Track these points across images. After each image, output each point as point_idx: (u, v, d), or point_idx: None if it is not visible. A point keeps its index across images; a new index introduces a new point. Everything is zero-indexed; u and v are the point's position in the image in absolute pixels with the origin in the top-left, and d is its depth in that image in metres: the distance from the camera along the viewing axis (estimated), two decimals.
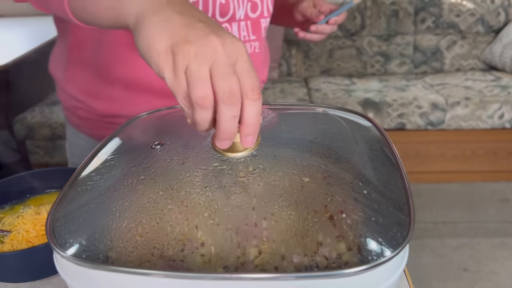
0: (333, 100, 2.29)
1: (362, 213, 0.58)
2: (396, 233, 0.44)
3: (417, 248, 1.90)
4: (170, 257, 0.52)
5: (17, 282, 0.53)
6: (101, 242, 0.55)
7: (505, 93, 2.24)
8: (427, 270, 1.78)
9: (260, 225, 0.58)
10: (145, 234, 0.56)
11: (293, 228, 0.57)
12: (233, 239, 0.55)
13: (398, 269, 0.38)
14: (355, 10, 2.58)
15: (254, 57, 0.82)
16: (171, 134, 0.64)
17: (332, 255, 0.52)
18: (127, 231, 0.57)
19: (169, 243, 0.55)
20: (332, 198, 0.62)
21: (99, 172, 0.57)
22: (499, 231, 2.01)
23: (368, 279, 0.36)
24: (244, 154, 0.53)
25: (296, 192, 0.65)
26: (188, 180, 0.70)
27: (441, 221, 2.08)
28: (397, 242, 0.43)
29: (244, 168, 0.62)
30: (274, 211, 0.60)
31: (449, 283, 1.72)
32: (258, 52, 0.83)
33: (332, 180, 0.66)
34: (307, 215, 0.60)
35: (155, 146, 0.58)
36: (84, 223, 0.50)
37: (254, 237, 0.55)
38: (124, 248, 0.54)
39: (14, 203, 0.65)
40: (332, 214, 0.58)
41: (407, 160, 2.32)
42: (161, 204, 0.62)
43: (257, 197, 0.63)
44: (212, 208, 0.62)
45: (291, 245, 0.54)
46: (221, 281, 0.38)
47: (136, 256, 0.53)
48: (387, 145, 0.56)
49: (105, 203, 0.57)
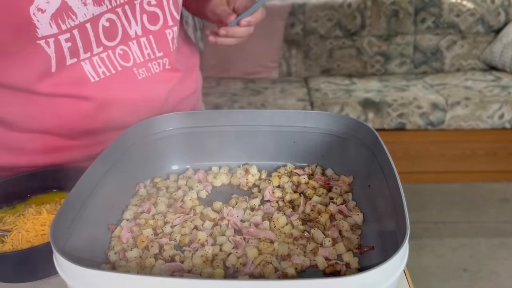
0: (333, 100, 2.29)
1: (361, 214, 0.58)
2: (394, 234, 0.45)
3: (417, 248, 1.89)
4: (171, 257, 0.53)
5: (17, 282, 0.53)
6: (101, 242, 0.55)
7: (505, 93, 2.24)
8: (427, 270, 1.78)
9: (260, 225, 0.58)
10: (145, 235, 0.56)
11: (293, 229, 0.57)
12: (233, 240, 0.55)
13: (397, 269, 0.38)
14: (355, 10, 2.58)
15: (165, 74, 0.74)
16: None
17: (332, 255, 0.52)
18: (127, 232, 0.57)
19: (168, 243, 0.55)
20: (332, 200, 0.62)
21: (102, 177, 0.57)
22: (499, 231, 2.00)
23: (368, 279, 0.36)
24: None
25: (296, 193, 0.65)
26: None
27: (441, 221, 2.08)
28: (395, 242, 0.43)
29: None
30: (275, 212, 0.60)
31: (449, 283, 1.72)
32: (169, 68, 0.74)
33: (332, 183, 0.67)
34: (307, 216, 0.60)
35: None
36: (85, 225, 0.50)
37: (253, 237, 0.55)
38: (124, 248, 0.55)
39: (16, 203, 0.65)
40: (332, 214, 0.59)
41: (407, 160, 2.32)
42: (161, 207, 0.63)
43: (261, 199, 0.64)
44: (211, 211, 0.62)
45: (291, 246, 0.54)
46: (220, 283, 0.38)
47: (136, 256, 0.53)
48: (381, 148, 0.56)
49: (106, 205, 0.57)
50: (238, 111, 0.69)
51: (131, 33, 0.68)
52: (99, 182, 0.55)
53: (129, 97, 0.70)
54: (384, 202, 0.52)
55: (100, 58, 0.66)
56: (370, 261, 0.51)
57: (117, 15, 0.65)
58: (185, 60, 0.80)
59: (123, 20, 0.66)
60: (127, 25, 0.67)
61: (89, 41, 0.64)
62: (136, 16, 0.67)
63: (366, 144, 0.62)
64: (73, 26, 0.60)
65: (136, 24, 0.68)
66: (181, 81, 0.77)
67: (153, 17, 0.69)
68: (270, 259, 0.51)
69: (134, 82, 0.70)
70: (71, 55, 0.63)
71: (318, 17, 2.61)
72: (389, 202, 0.50)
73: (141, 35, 0.69)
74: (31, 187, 0.66)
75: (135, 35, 0.68)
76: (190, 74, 0.83)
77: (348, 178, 0.65)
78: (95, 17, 0.62)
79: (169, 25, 0.71)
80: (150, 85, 0.72)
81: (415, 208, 2.14)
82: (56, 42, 0.60)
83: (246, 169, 0.68)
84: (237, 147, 0.70)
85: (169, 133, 0.69)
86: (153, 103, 0.73)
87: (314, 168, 0.68)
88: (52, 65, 0.62)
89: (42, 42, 0.59)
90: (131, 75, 0.70)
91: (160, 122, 0.69)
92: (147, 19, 0.68)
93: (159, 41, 0.71)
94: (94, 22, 0.63)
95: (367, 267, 0.38)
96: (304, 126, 0.68)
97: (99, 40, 0.65)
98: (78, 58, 0.64)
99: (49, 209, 0.61)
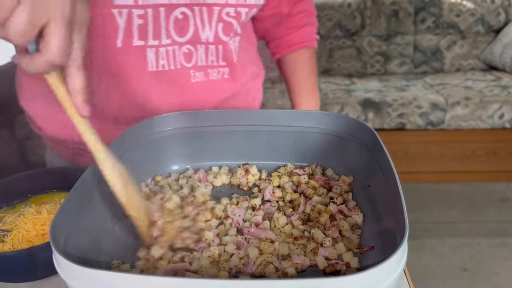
0: (333, 100, 2.29)
1: (361, 214, 0.58)
2: (394, 233, 0.45)
3: (417, 248, 1.90)
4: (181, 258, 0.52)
5: (17, 282, 0.53)
6: (101, 242, 0.55)
7: (505, 93, 2.24)
8: (427, 270, 1.78)
9: (261, 225, 0.58)
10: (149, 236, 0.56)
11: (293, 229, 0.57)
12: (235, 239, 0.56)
13: (397, 269, 0.38)
14: (355, 10, 2.58)
15: (222, 83, 0.74)
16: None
17: (332, 255, 0.52)
18: (129, 232, 0.57)
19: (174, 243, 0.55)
20: (332, 200, 0.62)
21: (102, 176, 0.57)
22: (499, 231, 2.01)
23: (367, 278, 0.36)
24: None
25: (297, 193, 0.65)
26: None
27: (441, 221, 2.08)
28: (395, 242, 0.43)
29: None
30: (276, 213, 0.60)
31: (449, 283, 1.72)
32: (227, 78, 0.74)
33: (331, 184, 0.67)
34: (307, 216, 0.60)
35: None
36: (85, 224, 0.50)
37: (254, 237, 0.55)
38: (125, 248, 0.54)
39: (16, 202, 0.65)
40: (332, 214, 0.59)
41: (407, 160, 2.32)
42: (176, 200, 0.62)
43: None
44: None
45: (291, 245, 0.54)
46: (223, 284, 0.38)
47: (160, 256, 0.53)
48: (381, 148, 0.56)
49: (106, 205, 0.57)
50: (238, 111, 0.69)
51: (202, 37, 0.68)
52: (99, 182, 0.55)
53: (175, 96, 0.70)
54: (383, 202, 0.52)
55: (166, 50, 0.66)
56: (370, 261, 0.51)
57: (192, 12, 0.65)
58: (247, 77, 0.80)
59: (197, 21, 0.66)
60: (200, 28, 0.67)
61: (159, 28, 0.64)
62: (211, 23, 0.67)
63: (366, 144, 0.62)
64: (148, 5, 0.61)
65: (209, 31, 0.68)
66: (236, 95, 0.77)
67: (228, 27, 0.69)
68: (271, 259, 0.51)
69: (186, 83, 0.70)
70: (140, 35, 0.63)
71: (318, 17, 2.59)
72: (388, 202, 0.50)
73: (212, 42, 0.69)
74: (31, 187, 0.66)
75: (206, 41, 0.69)
76: (249, 90, 0.82)
77: (348, 178, 0.65)
78: (171, 5, 0.63)
79: (237, 36, 0.72)
80: (202, 90, 0.72)
81: (415, 208, 2.14)
82: (128, 15, 0.61)
83: (246, 169, 0.68)
84: (237, 147, 0.70)
85: (169, 133, 0.69)
86: (199, 108, 0.73)
87: (314, 168, 0.68)
88: (119, 38, 0.62)
89: (116, 11, 0.60)
90: (185, 76, 0.70)
91: (160, 122, 0.69)
92: (221, 29, 0.69)
93: (226, 51, 0.72)
94: (168, 9, 0.63)
95: (367, 266, 0.38)
96: (304, 126, 0.68)
97: (168, 31, 0.65)
98: (146, 42, 0.64)
99: (49, 209, 0.61)
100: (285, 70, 0.90)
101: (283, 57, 0.89)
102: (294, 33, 0.87)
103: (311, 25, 0.89)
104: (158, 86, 0.69)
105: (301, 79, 0.89)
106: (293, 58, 0.88)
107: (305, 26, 0.88)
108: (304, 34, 0.88)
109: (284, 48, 0.88)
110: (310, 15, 0.90)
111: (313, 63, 0.90)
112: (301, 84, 0.89)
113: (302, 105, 0.88)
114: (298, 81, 0.89)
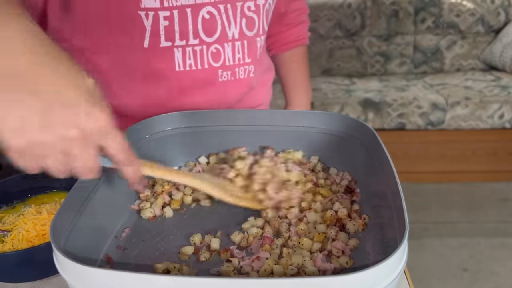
0: (333, 100, 2.29)
1: (360, 215, 0.58)
2: (394, 233, 0.45)
3: (417, 248, 1.89)
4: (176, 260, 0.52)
5: (17, 282, 0.53)
6: (101, 242, 0.55)
7: (505, 93, 2.24)
8: (427, 270, 1.78)
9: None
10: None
11: None
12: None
13: (396, 269, 0.39)
14: (355, 10, 2.58)
15: (249, 81, 0.75)
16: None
17: (332, 255, 0.52)
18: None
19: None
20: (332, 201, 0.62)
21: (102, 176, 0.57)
22: (499, 231, 2.01)
23: (367, 278, 0.36)
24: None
25: None
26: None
27: (441, 221, 2.08)
28: (394, 242, 0.43)
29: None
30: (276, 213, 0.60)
31: (449, 283, 1.72)
32: (252, 76, 0.75)
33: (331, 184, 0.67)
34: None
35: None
36: (85, 224, 0.50)
37: None
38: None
39: (16, 203, 0.65)
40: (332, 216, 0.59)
41: (407, 160, 2.32)
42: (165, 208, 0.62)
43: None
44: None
45: None
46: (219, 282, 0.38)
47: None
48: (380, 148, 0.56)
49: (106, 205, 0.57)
50: (238, 111, 0.69)
51: (229, 34, 0.69)
52: (99, 182, 0.55)
53: (201, 95, 0.71)
54: (383, 202, 0.52)
55: (193, 50, 0.67)
56: (370, 261, 0.51)
57: (218, 11, 0.66)
58: (261, 73, 0.81)
59: (223, 18, 0.67)
60: (226, 25, 0.68)
61: (186, 29, 0.65)
62: (236, 19, 0.68)
63: (365, 144, 0.62)
64: (174, 6, 0.62)
65: (235, 27, 0.69)
66: (251, 92, 0.78)
67: (251, 22, 0.70)
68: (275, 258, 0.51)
69: (213, 83, 0.71)
70: (166, 36, 0.64)
71: (318, 17, 2.61)
72: (388, 201, 0.50)
73: (237, 38, 0.70)
74: (31, 187, 0.66)
75: (232, 38, 0.69)
76: (262, 87, 0.83)
77: (348, 178, 0.65)
78: (197, 5, 0.64)
79: (260, 33, 0.73)
80: (227, 89, 0.73)
81: (415, 208, 2.14)
82: (155, 17, 0.62)
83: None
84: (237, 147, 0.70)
85: (169, 133, 0.70)
86: (219, 106, 0.74)
87: (316, 163, 0.69)
88: (146, 39, 0.63)
89: (143, 13, 0.61)
90: (213, 76, 0.71)
91: (160, 122, 0.69)
92: (245, 24, 0.70)
93: (251, 47, 0.72)
94: (195, 10, 0.64)
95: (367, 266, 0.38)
96: (304, 126, 0.68)
97: (196, 31, 0.66)
98: (173, 43, 0.65)
99: (49, 209, 0.61)
100: (280, 66, 0.93)
101: (279, 54, 0.93)
102: (290, 30, 0.90)
103: (305, 22, 0.93)
104: (184, 86, 0.70)
105: (297, 76, 0.94)
106: (289, 56, 0.93)
107: (300, 24, 0.91)
108: (299, 32, 0.91)
109: (281, 46, 0.92)
110: (305, 13, 0.93)
111: (306, 59, 0.97)
112: (296, 80, 0.95)
113: (296, 100, 0.94)
114: (294, 77, 0.94)
